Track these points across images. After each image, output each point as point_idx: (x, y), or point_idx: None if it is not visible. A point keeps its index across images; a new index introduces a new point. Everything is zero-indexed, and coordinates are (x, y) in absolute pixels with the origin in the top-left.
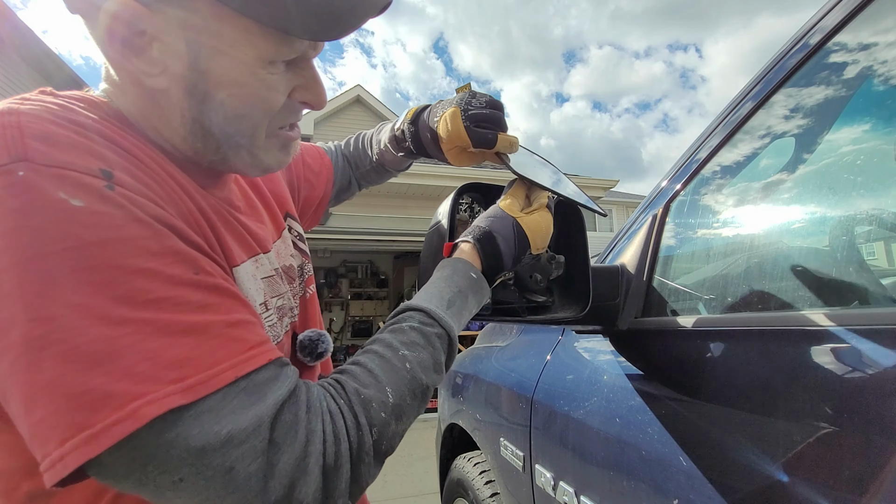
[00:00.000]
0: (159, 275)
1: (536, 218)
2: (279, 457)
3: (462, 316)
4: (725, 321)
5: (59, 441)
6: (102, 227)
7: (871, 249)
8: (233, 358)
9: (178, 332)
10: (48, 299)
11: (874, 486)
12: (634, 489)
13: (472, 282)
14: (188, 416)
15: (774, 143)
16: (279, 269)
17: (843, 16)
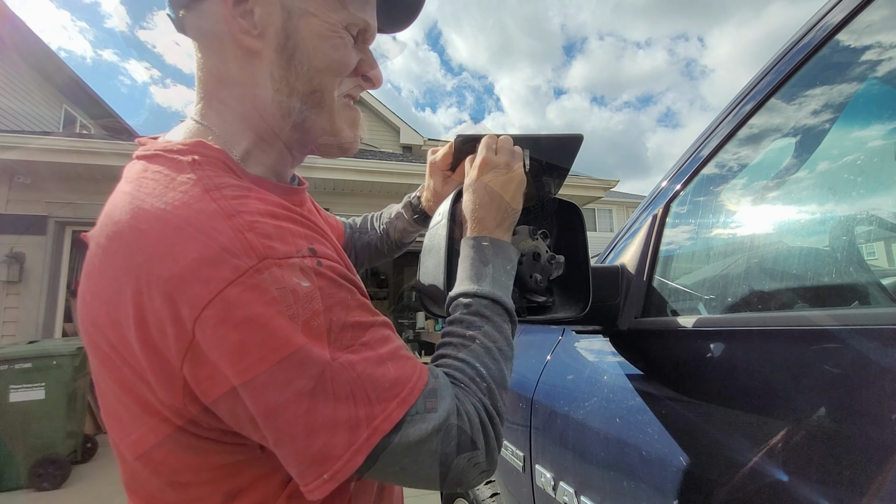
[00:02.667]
0: (361, 324)
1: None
2: (461, 437)
3: (498, 279)
4: (725, 321)
5: (337, 457)
6: (324, 298)
7: (871, 249)
8: (416, 371)
9: (383, 361)
10: (311, 361)
11: (874, 486)
12: (634, 489)
13: (485, 248)
14: (406, 422)
15: (774, 144)
16: None
17: (844, 16)
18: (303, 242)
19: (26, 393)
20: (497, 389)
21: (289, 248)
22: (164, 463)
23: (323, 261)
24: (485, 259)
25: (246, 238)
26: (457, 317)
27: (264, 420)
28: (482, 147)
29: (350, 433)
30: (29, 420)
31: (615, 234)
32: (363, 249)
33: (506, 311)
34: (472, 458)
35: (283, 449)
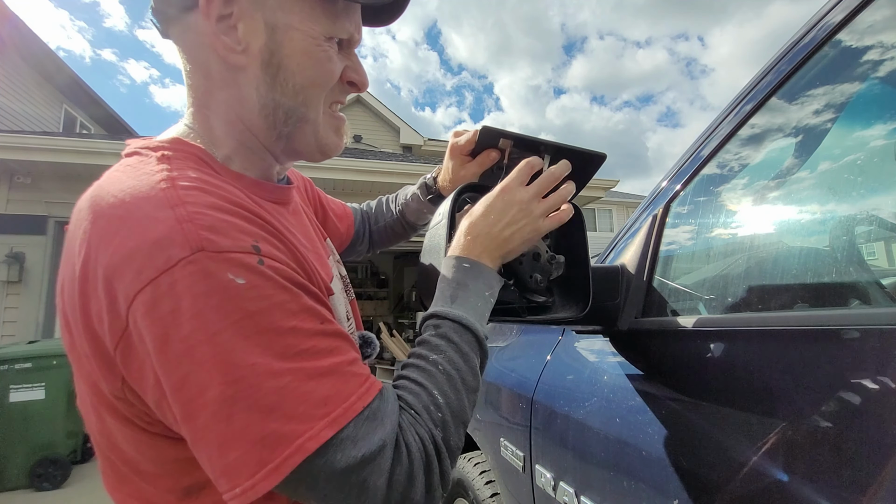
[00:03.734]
0: (300, 331)
1: None
2: (394, 471)
3: (471, 300)
4: (725, 321)
5: (250, 474)
6: (259, 298)
7: (871, 249)
8: (357, 391)
9: (319, 375)
10: (233, 364)
11: (874, 486)
12: (634, 489)
13: (466, 270)
14: (333, 445)
15: (775, 144)
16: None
17: (844, 15)
18: (247, 239)
19: (26, 393)
20: (453, 422)
21: (229, 243)
22: (123, 453)
23: (265, 259)
24: (462, 281)
25: (183, 228)
26: (424, 337)
27: (182, 420)
28: (517, 171)
29: (268, 450)
30: (29, 420)
31: (615, 234)
32: (379, 232)
33: (476, 340)
34: (407, 495)
35: (198, 452)
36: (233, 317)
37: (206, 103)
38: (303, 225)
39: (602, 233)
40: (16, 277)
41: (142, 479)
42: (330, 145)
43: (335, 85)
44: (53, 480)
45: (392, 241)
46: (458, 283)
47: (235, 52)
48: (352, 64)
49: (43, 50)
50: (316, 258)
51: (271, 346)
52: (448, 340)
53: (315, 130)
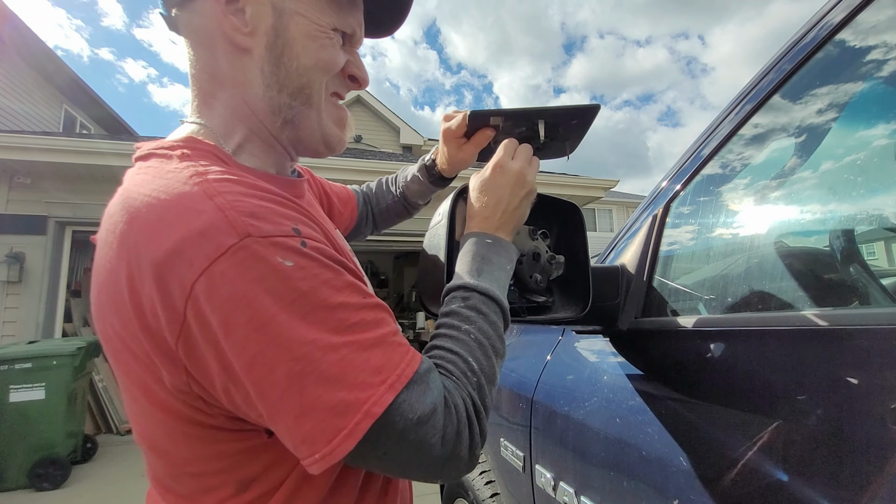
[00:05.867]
0: (349, 305)
1: None
2: (447, 429)
3: (496, 273)
4: (725, 321)
5: (327, 440)
6: (308, 278)
7: (871, 249)
8: (405, 358)
9: (370, 346)
10: (295, 342)
11: (874, 486)
12: (635, 489)
13: (489, 245)
14: (394, 409)
15: (774, 144)
16: None
17: (845, 15)
18: (287, 223)
19: (26, 393)
20: (487, 385)
21: (272, 227)
22: (175, 454)
23: (307, 241)
24: (486, 256)
25: (227, 216)
26: (453, 308)
27: (257, 398)
28: (501, 150)
29: (339, 417)
30: (29, 420)
31: (615, 234)
32: (381, 214)
33: (500, 309)
34: (455, 451)
35: (276, 426)
36: (287, 298)
37: (212, 92)
38: (321, 215)
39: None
40: (16, 277)
41: (190, 479)
42: (334, 137)
43: (337, 76)
44: (53, 480)
45: (395, 220)
46: (483, 257)
47: (242, 33)
48: (354, 60)
49: (43, 50)
50: (342, 242)
51: (326, 322)
52: (478, 312)
53: (319, 118)
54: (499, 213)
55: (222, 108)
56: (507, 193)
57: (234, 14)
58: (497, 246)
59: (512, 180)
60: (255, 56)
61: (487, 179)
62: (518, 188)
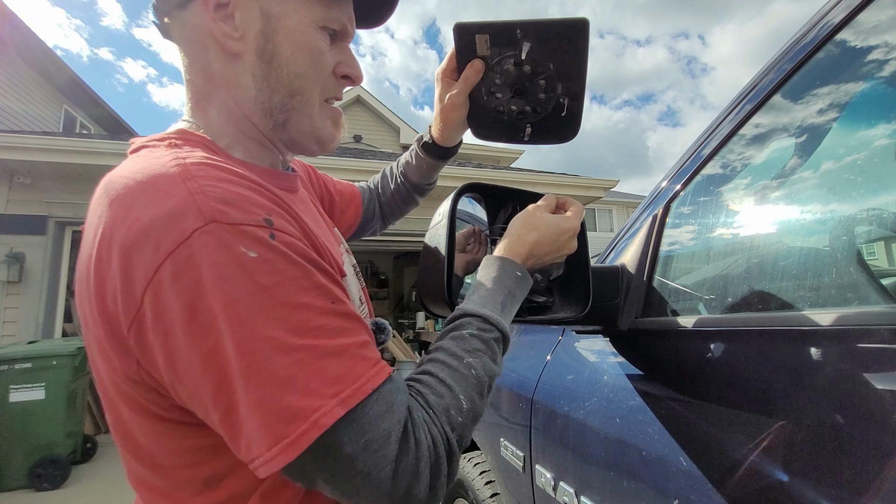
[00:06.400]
0: (312, 307)
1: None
2: (400, 463)
3: (512, 312)
4: (725, 321)
5: (267, 447)
6: (271, 273)
7: (871, 249)
8: (367, 373)
9: (331, 353)
10: (246, 336)
11: (874, 486)
12: (634, 489)
13: (518, 280)
14: (343, 425)
15: (774, 144)
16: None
17: (845, 15)
18: (259, 212)
19: (26, 393)
20: (471, 425)
21: (241, 215)
22: (141, 446)
23: (278, 234)
24: (513, 290)
25: (196, 200)
26: (464, 335)
27: (201, 393)
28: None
29: (284, 423)
30: (29, 420)
31: (615, 234)
32: (388, 203)
33: (504, 350)
34: (411, 490)
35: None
36: (245, 290)
37: (205, 96)
38: (311, 212)
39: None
40: (16, 277)
41: (160, 472)
42: (326, 136)
43: (329, 79)
44: (53, 480)
45: (402, 208)
46: (510, 291)
47: (233, 39)
48: (345, 58)
49: (42, 50)
50: (327, 241)
51: (284, 321)
52: (489, 347)
53: (311, 121)
54: (540, 254)
55: (216, 112)
56: (555, 244)
57: (224, 20)
58: (523, 282)
59: (566, 235)
60: (245, 61)
61: (551, 221)
62: (564, 243)
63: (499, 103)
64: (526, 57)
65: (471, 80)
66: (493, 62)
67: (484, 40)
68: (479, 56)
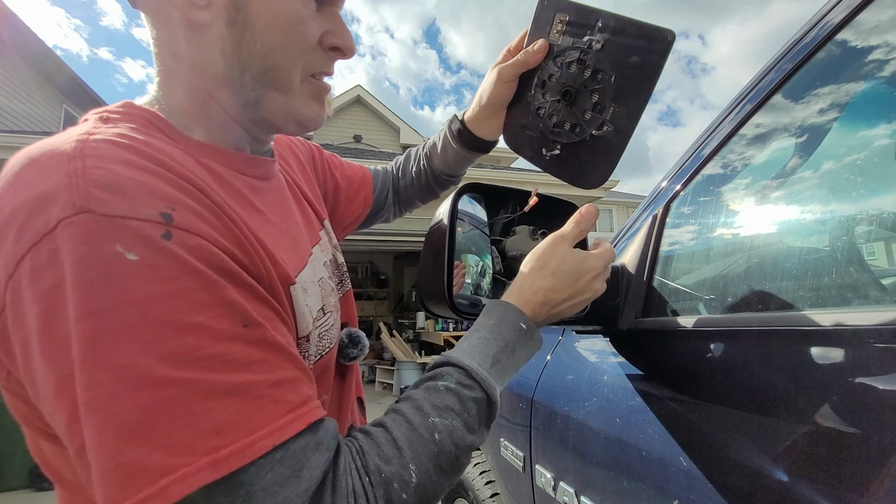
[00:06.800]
0: (208, 330)
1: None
2: None
3: (507, 373)
4: (725, 321)
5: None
6: (154, 281)
7: (871, 249)
8: (273, 422)
9: (222, 393)
10: (95, 362)
11: (874, 486)
12: (635, 489)
13: (521, 334)
14: (213, 494)
15: (774, 144)
16: (327, 262)
17: (846, 14)
18: (157, 203)
19: None
20: None
21: (126, 206)
22: (44, 460)
23: (177, 232)
24: (512, 345)
25: (72, 183)
26: (438, 386)
27: (54, 420)
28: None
29: (119, 485)
30: None
31: (615, 234)
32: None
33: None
34: None
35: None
36: (109, 301)
37: (172, 70)
38: (281, 203)
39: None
40: None
41: (64, 489)
42: (307, 115)
43: (316, 52)
44: None
45: (419, 196)
46: (508, 345)
47: (197, 8)
48: (333, 27)
49: (42, 50)
50: (284, 242)
51: (156, 346)
52: (465, 409)
53: (289, 100)
54: (556, 302)
55: (180, 89)
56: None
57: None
58: (527, 337)
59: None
60: (213, 33)
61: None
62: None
63: (542, 103)
64: (593, 54)
65: (530, 57)
66: (557, 51)
67: (562, 22)
68: (549, 40)
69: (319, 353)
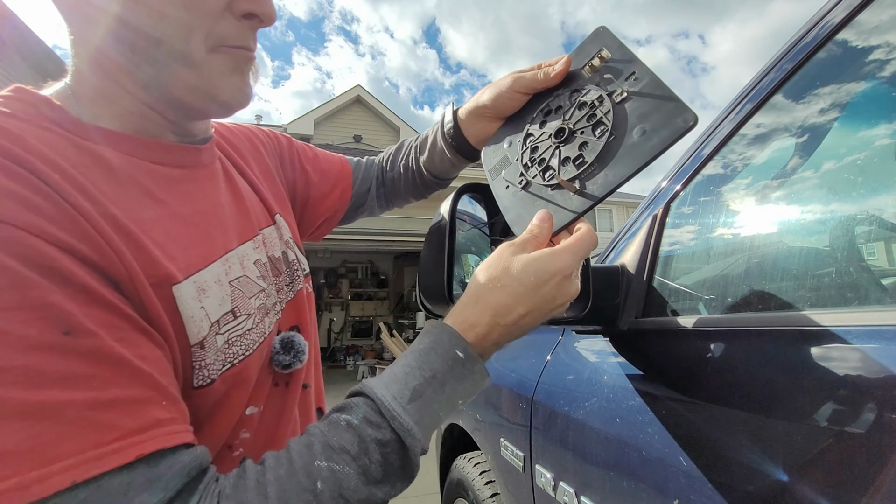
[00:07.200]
0: (10, 338)
1: None
2: None
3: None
4: (725, 321)
5: None
6: None
7: (871, 249)
8: (84, 452)
9: (15, 414)
10: None
11: (874, 486)
12: (634, 489)
13: (456, 364)
14: None
15: (774, 144)
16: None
17: (846, 14)
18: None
19: None
20: None
21: None
22: None
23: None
24: (442, 377)
25: None
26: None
27: None
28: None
29: None
30: None
31: (615, 234)
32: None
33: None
34: None
35: None
36: None
37: (79, 58)
38: (201, 193)
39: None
40: None
41: None
42: (224, 90)
43: (224, 19)
44: None
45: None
46: (437, 376)
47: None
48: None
49: (43, 50)
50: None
51: None
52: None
53: (194, 73)
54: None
55: (88, 77)
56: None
57: None
58: (465, 369)
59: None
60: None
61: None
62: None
63: (534, 130)
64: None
65: (548, 77)
66: (578, 85)
67: (601, 59)
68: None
69: (230, 361)
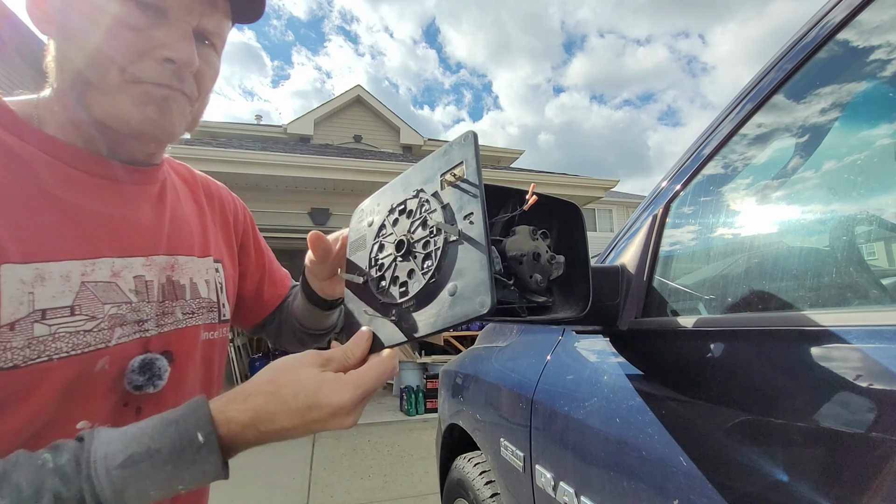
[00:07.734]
0: None
1: None
2: None
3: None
4: (725, 321)
5: None
6: None
7: (871, 249)
8: None
9: None
10: None
11: (874, 486)
12: (635, 489)
13: (191, 447)
14: None
15: (775, 143)
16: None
17: (846, 14)
18: None
19: None
20: None
21: None
22: None
23: None
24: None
25: None
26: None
27: None
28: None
29: None
30: None
31: (615, 234)
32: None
33: None
34: None
35: None
36: None
37: (49, 71)
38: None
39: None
40: None
41: None
42: (132, 116)
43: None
44: None
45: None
46: (163, 451)
47: (45, 21)
48: (168, 41)
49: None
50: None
51: None
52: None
53: (108, 98)
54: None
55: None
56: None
57: (38, 5)
58: (198, 456)
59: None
60: (57, 41)
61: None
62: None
63: (388, 223)
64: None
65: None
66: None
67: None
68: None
69: (47, 354)
